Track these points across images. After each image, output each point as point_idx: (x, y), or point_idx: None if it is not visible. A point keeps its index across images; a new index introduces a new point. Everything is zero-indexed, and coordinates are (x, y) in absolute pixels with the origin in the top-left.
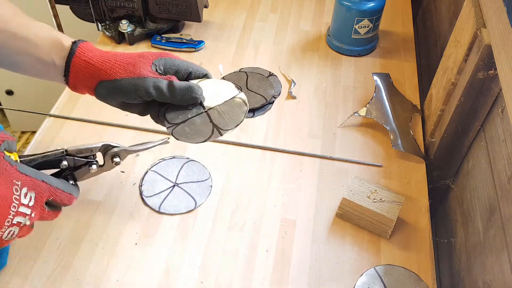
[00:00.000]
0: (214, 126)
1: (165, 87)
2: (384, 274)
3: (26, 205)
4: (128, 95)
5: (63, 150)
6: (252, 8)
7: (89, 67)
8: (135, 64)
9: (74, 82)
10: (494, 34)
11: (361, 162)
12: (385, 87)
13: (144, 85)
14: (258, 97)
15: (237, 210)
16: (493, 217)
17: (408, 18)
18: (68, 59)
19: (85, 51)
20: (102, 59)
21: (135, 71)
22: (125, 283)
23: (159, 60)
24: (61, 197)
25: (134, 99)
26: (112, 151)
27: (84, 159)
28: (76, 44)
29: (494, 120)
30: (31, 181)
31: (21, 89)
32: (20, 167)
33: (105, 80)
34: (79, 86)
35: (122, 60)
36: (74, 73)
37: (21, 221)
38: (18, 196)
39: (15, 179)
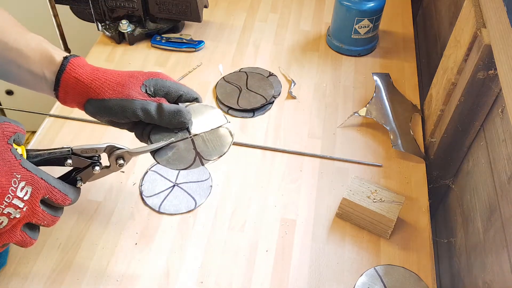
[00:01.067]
0: (197, 155)
1: (153, 110)
2: (384, 274)
3: (21, 198)
4: (116, 115)
5: (69, 148)
6: (252, 8)
7: (78, 84)
8: (124, 84)
9: (64, 97)
10: (494, 34)
11: (361, 162)
12: (385, 87)
13: (132, 107)
14: (258, 97)
15: (237, 210)
16: (493, 217)
17: (408, 18)
18: (58, 75)
19: (75, 68)
20: (92, 77)
21: (123, 92)
22: (125, 283)
23: (149, 80)
24: (56, 196)
25: (121, 119)
26: (116, 153)
27: (88, 160)
28: (67, 60)
29: (494, 120)
30: (31, 177)
31: (21, 89)
32: (23, 162)
33: (94, 99)
34: (68, 101)
35: (112, 80)
36: (63, 88)
37: (11, 212)
38: (15, 189)
39: (16, 172)
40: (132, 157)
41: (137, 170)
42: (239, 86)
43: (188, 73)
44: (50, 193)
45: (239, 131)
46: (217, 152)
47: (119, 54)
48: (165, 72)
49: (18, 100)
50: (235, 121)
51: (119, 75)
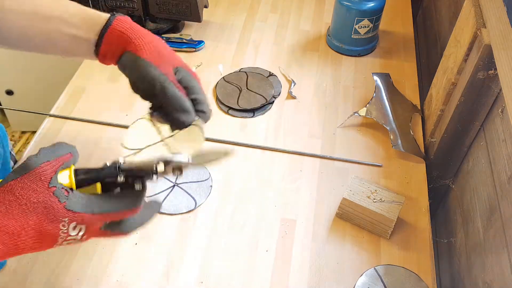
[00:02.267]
0: None
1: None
2: (384, 274)
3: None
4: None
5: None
6: (252, 8)
7: (122, 37)
8: (163, 56)
9: (105, 51)
10: (494, 34)
11: (361, 162)
12: (385, 87)
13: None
14: (258, 97)
15: (237, 210)
16: (493, 217)
17: (408, 18)
18: (103, 30)
19: (121, 23)
20: (137, 34)
21: (159, 60)
22: (125, 283)
23: (181, 70)
24: (117, 217)
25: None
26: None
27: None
28: (114, 16)
29: (494, 120)
30: (80, 217)
31: (21, 89)
32: (69, 205)
33: (130, 52)
34: (108, 55)
35: (155, 45)
36: (106, 42)
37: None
38: (66, 230)
39: (62, 217)
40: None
41: None
42: (239, 86)
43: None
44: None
45: (239, 131)
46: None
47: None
48: None
49: (18, 100)
50: (235, 121)
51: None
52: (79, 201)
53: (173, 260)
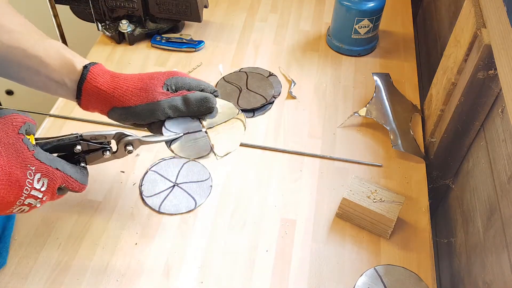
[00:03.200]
0: (211, 149)
1: (180, 104)
2: (384, 274)
3: (38, 190)
4: (144, 119)
5: (78, 135)
6: (252, 8)
7: (100, 94)
8: (147, 89)
9: (87, 105)
10: (494, 34)
11: (361, 162)
12: (385, 87)
13: (160, 109)
14: (258, 97)
15: (237, 210)
16: (493, 217)
17: (408, 18)
18: (79, 84)
19: (96, 77)
20: (113, 86)
21: (148, 96)
22: (125, 283)
23: (170, 79)
24: (73, 185)
25: (150, 120)
26: (126, 139)
27: (98, 145)
28: (87, 69)
29: (494, 120)
30: (46, 168)
31: (21, 89)
32: (36, 153)
33: (119, 107)
34: (91, 108)
35: (134, 86)
36: (86, 97)
37: (32, 203)
38: (32, 181)
39: (30, 164)
40: (141, 145)
41: (137, 170)
42: (239, 86)
43: (188, 73)
44: (67, 182)
45: None
46: (232, 144)
47: (119, 54)
48: None
49: (18, 100)
50: None
51: (139, 79)
52: (45, 155)
53: (173, 260)
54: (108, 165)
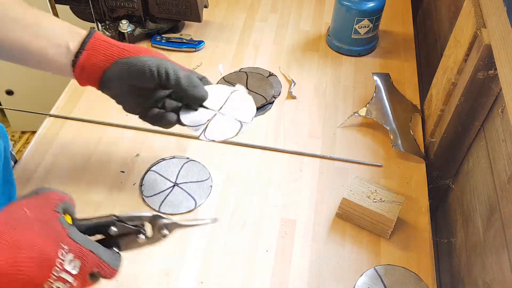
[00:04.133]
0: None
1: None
2: (384, 274)
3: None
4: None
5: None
6: (252, 8)
7: (110, 47)
8: (158, 53)
9: (83, 64)
10: (494, 34)
11: (361, 162)
12: (385, 87)
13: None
14: (258, 97)
15: (237, 210)
16: (493, 217)
17: (408, 18)
18: (85, 39)
19: (102, 36)
20: (122, 44)
21: (159, 55)
22: (125, 283)
23: None
24: (106, 271)
25: (150, 80)
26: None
27: (133, 227)
28: (94, 30)
29: (494, 120)
30: (79, 249)
31: (21, 89)
32: (71, 233)
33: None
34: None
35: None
36: (88, 52)
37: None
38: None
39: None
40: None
41: (137, 170)
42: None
43: None
44: (100, 268)
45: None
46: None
47: None
48: None
49: (18, 100)
50: None
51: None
52: (81, 235)
53: (173, 260)
54: (108, 165)
